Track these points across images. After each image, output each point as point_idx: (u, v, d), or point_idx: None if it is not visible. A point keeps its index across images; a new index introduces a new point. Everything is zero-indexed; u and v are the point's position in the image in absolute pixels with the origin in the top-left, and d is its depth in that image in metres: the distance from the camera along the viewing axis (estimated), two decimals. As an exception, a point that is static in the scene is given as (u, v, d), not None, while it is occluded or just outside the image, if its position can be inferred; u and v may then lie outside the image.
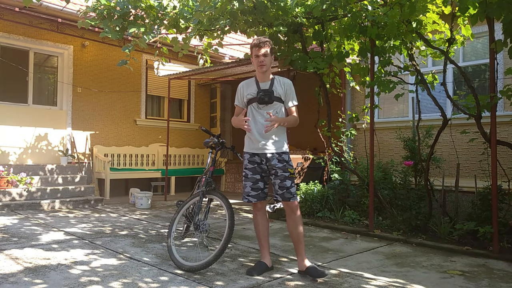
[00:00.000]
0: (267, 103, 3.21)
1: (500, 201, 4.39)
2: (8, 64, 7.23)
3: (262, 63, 3.19)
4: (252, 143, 3.27)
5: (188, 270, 3.17)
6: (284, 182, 3.18)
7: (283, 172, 3.19)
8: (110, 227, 5.03)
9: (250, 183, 3.27)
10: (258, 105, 3.24)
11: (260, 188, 3.27)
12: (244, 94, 3.32)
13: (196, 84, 10.11)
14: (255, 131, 3.23)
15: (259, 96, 3.21)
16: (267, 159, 3.22)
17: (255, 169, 3.26)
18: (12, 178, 6.35)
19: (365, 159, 5.99)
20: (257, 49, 3.17)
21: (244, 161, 3.33)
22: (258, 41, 3.19)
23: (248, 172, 3.29)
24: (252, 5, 4.69)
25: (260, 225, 3.31)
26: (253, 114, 3.27)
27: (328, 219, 5.60)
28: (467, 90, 4.68)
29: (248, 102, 3.30)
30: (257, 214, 3.33)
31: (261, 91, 3.22)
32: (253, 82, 3.32)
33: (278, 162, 3.20)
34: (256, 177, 3.26)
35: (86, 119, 8.11)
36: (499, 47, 3.85)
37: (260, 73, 3.27)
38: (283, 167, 3.20)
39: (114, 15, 5.20)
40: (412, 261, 3.74)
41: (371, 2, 4.65)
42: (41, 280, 2.92)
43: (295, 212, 3.23)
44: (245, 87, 3.33)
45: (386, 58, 4.82)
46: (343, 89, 6.69)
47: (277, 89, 3.25)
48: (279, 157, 3.21)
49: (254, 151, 3.26)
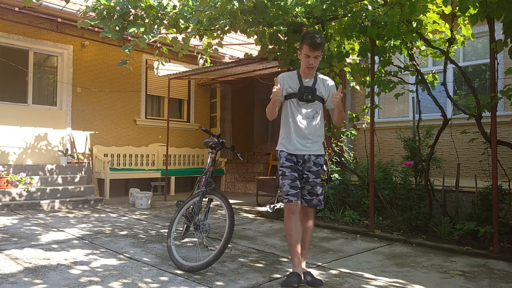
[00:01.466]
0: (309, 101, 3.04)
1: (501, 201, 4.39)
2: (8, 64, 7.22)
3: (311, 66, 3.02)
4: (291, 143, 3.08)
5: (188, 270, 3.17)
6: (315, 188, 3.07)
7: (315, 178, 3.06)
8: (110, 227, 5.02)
9: (288, 181, 3.02)
10: (298, 101, 3.06)
11: (298, 187, 3.03)
12: (284, 86, 3.07)
13: (196, 84, 10.11)
14: (296, 131, 3.06)
15: (302, 92, 3.02)
16: (303, 160, 3.07)
17: (293, 167, 3.05)
18: (11, 178, 6.34)
19: (365, 159, 5.99)
20: (310, 49, 2.95)
21: (281, 159, 3.09)
22: (314, 41, 2.92)
23: (285, 170, 3.05)
24: (252, 5, 4.69)
25: (294, 231, 2.99)
26: (292, 111, 3.08)
27: (328, 219, 5.59)
28: (467, 90, 4.68)
29: (287, 96, 3.08)
30: (291, 218, 2.99)
31: (304, 87, 3.04)
32: (295, 75, 3.12)
33: (313, 165, 3.06)
34: (295, 175, 3.03)
35: (86, 119, 8.11)
36: (500, 47, 3.84)
37: (304, 73, 3.09)
38: (316, 172, 3.06)
39: (114, 15, 5.19)
40: (412, 261, 3.74)
41: (371, 2, 4.65)
42: (41, 280, 2.92)
43: (309, 217, 3.12)
44: (287, 78, 3.11)
45: (386, 58, 4.82)
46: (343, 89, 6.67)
47: (320, 88, 3.10)
48: (315, 159, 3.08)
49: (291, 151, 3.07)
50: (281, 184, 3.08)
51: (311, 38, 2.95)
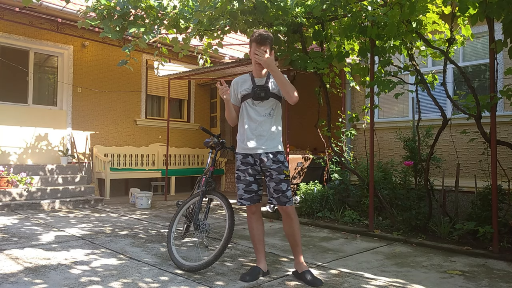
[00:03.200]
0: (263, 98, 3.07)
1: (500, 201, 4.39)
2: (8, 64, 7.23)
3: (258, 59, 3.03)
4: (245, 142, 3.11)
5: (188, 270, 3.17)
6: (279, 185, 3.04)
7: (278, 175, 3.04)
8: (110, 227, 5.03)
9: (243, 186, 3.12)
10: (253, 101, 3.10)
11: (254, 191, 3.11)
12: (238, 90, 3.16)
13: (196, 84, 10.11)
14: (249, 129, 3.09)
15: (255, 91, 3.07)
16: (260, 159, 3.07)
17: (248, 170, 3.11)
18: (12, 178, 6.35)
19: (365, 159, 5.99)
20: (257, 45, 3.01)
21: (236, 162, 3.17)
22: (259, 36, 3.00)
23: (240, 174, 3.14)
24: (252, 5, 4.69)
25: (255, 229, 3.16)
26: (247, 111, 3.12)
27: (328, 219, 5.60)
28: (467, 90, 4.68)
29: (243, 98, 3.15)
30: (252, 217, 3.18)
31: (257, 86, 3.09)
32: (248, 77, 3.18)
33: (272, 163, 3.05)
34: (249, 179, 3.10)
35: (86, 119, 8.11)
36: (499, 47, 3.85)
37: (256, 69, 3.14)
38: (278, 169, 3.04)
39: (114, 15, 5.20)
40: (412, 261, 3.74)
41: (371, 2, 4.65)
42: (41, 280, 2.93)
43: (291, 216, 3.10)
44: (240, 83, 3.19)
45: (386, 58, 4.82)
46: (343, 89, 6.69)
47: (273, 84, 3.12)
48: (273, 157, 3.06)
49: (247, 151, 3.10)
50: (236, 187, 3.18)
51: (258, 34, 3.02)
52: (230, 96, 3.17)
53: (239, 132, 3.20)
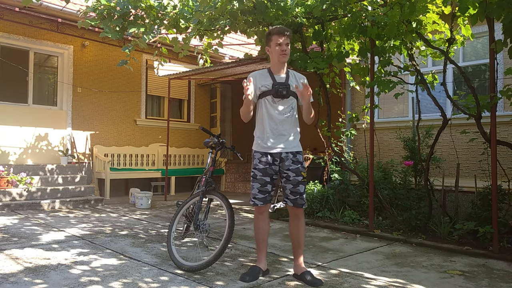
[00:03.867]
0: (284, 97, 3.00)
1: (500, 201, 4.39)
2: (8, 64, 7.23)
3: (284, 52, 3.00)
4: (265, 141, 3.04)
5: (188, 270, 3.17)
6: (297, 187, 3.03)
7: (296, 176, 3.02)
8: (110, 227, 5.03)
9: (258, 185, 3.05)
10: (273, 98, 3.02)
11: (268, 191, 3.06)
12: (257, 85, 3.04)
13: (196, 84, 10.11)
14: (269, 128, 3.02)
15: (276, 88, 2.99)
16: (280, 159, 3.03)
17: (266, 170, 3.03)
18: (12, 178, 6.35)
19: (365, 159, 5.99)
20: (279, 36, 2.98)
21: (254, 160, 3.08)
22: (281, 28, 2.99)
23: (257, 172, 3.05)
24: (252, 5, 4.69)
25: (261, 229, 3.13)
26: (267, 109, 3.03)
27: (328, 219, 5.60)
28: (467, 90, 4.68)
29: (261, 94, 3.05)
30: (259, 217, 3.14)
31: (278, 83, 3.01)
32: (266, 73, 3.09)
33: (292, 164, 3.02)
34: (266, 179, 3.04)
35: (86, 119, 8.11)
36: (499, 47, 3.85)
37: (277, 64, 3.06)
38: (296, 170, 3.02)
39: (114, 15, 5.20)
40: (412, 261, 3.74)
41: (371, 2, 4.65)
42: (41, 280, 2.93)
43: (299, 217, 3.12)
44: (258, 78, 3.07)
45: (386, 58, 4.82)
46: (343, 89, 6.69)
47: (293, 83, 3.05)
48: (293, 157, 3.04)
49: (267, 150, 3.03)
50: (251, 186, 3.11)
51: (277, 28, 3.03)
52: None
53: (258, 130, 3.12)
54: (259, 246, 3.18)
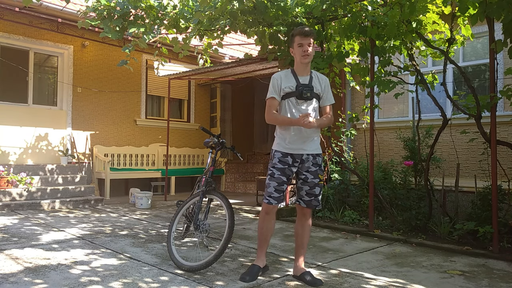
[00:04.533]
0: (307, 99, 3.00)
1: (500, 201, 4.39)
2: (8, 64, 7.23)
3: (306, 53, 2.99)
4: (287, 142, 3.03)
5: (188, 270, 3.17)
6: (313, 189, 3.05)
7: (314, 179, 3.04)
8: (110, 227, 5.03)
9: (275, 184, 3.02)
10: (297, 100, 3.02)
11: (283, 191, 3.06)
12: (281, 86, 3.04)
13: (196, 84, 10.11)
14: (293, 130, 3.01)
15: (300, 90, 2.98)
16: (301, 160, 3.03)
17: (284, 170, 3.02)
18: (12, 178, 6.35)
19: (365, 159, 5.99)
20: (302, 37, 2.98)
21: (274, 159, 3.06)
22: (303, 29, 2.99)
23: (275, 171, 3.03)
24: (252, 5, 4.69)
25: (265, 228, 3.13)
26: (291, 110, 3.03)
27: (328, 219, 5.60)
28: (467, 90, 4.68)
29: (285, 95, 3.04)
30: (266, 217, 3.10)
31: (302, 85, 3.01)
32: (290, 74, 3.08)
33: (312, 166, 3.04)
34: (283, 179, 3.03)
35: (86, 119, 8.11)
36: (499, 47, 3.85)
37: (300, 65, 3.06)
38: (314, 172, 3.04)
39: (114, 15, 5.20)
40: (412, 261, 3.74)
41: (371, 2, 4.65)
42: (41, 280, 2.93)
43: (307, 217, 3.13)
44: (283, 78, 3.07)
45: (386, 58, 4.82)
46: (343, 89, 6.69)
47: (316, 85, 3.07)
48: (313, 159, 3.05)
49: (289, 150, 3.02)
50: (267, 184, 3.07)
51: (300, 28, 3.03)
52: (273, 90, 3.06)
53: (280, 130, 3.10)
54: (261, 244, 3.19)
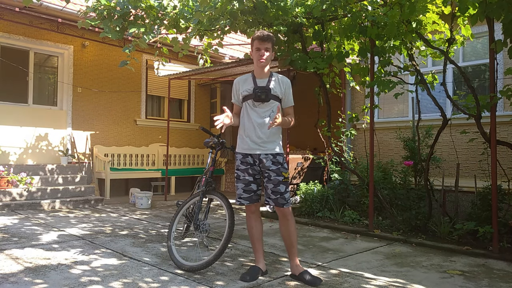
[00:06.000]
0: (263, 101, 3.05)
1: (500, 201, 4.40)
2: (8, 64, 7.23)
3: (262, 57, 3.04)
4: (245, 142, 3.11)
5: (188, 270, 3.18)
6: (277, 187, 3.05)
7: (277, 176, 3.05)
8: (111, 227, 5.03)
9: (242, 185, 3.12)
10: (254, 102, 3.08)
11: (253, 190, 3.12)
12: (239, 90, 3.15)
13: (196, 84, 10.11)
14: (249, 130, 3.09)
15: (256, 92, 3.04)
16: (260, 160, 3.08)
17: (247, 170, 3.11)
18: (12, 178, 6.35)
19: (365, 159, 5.99)
20: (259, 41, 3.03)
21: (236, 161, 3.16)
22: (262, 34, 3.04)
23: (240, 173, 3.14)
24: (252, 5, 4.70)
25: (254, 228, 3.17)
26: (248, 112, 3.11)
27: (328, 219, 5.60)
28: (467, 90, 4.68)
29: (244, 98, 3.13)
30: (251, 217, 3.19)
31: (258, 87, 3.06)
32: (249, 78, 3.16)
33: (272, 164, 3.06)
34: (249, 179, 3.11)
35: (86, 119, 8.12)
36: (499, 47, 3.85)
37: (258, 68, 3.12)
38: (276, 170, 3.05)
39: (114, 15, 5.20)
40: (412, 261, 3.74)
41: (371, 2, 4.65)
42: (42, 280, 2.93)
43: (287, 218, 3.12)
44: (241, 83, 3.17)
45: (386, 58, 4.83)
46: (343, 89, 6.70)
47: (275, 87, 3.10)
48: (273, 158, 3.07)
49: (247, 151, 3.10)
50: (236, 187, 3.17)
51: (259, 33, 3.08)
52: (233, 95, 3.24)
53: (239, 131, 3.19)
54: (255, 246, 3.21)
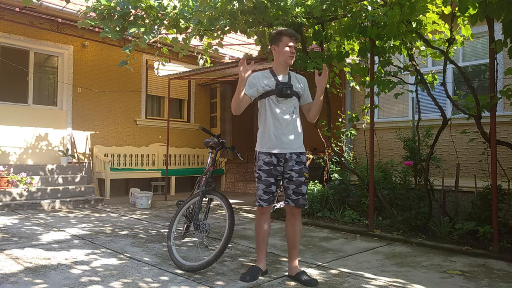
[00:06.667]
0: (287, 96, 3.05)
1: (500, 201, 4.39)
2: (8, 64, 7.23)
3: (293, 55, 3.08)
4: (271, 141, 3.05)
5: (188, 270, 3.18)
6: (299, 188, 3.06)
7: (299, 177, 3.05)
8: (111, 227, 5.03)
9: (263, 186, 3.04)
10: (277, 98, 3.05)
11: (272, 192, 3.07)
12: (260, 83, 3.07)
13: (196, 84, 10.12)
14: (275, 129, 3.04)
15: (280, 88, 3.03)
16: (285, 159, 3.05)
17: (270, 171, 3.03)
18: (12, 178, 6.35)
19: (365, 159, 5.99)
20: (291, 39, 3.06)
21: (259, 161, 3.07)
22: (292, 31, 3.08)
23: (262, 174, 3.05)
24: (252, 5, 4.70)
25: (262, 229, 3.14)
26: (271, 109, 3.06)
27: (328, 219, 5.60)
28: (467, 90, 4.68)
29: (265, 94, 3.08)
30: (261, 218, 3.13)
31: (281, 83, 3.06)
32: (268, 74, 3.13)
33: (295, 164, 3.05)
34: (270, 180, 3.04)
35: (86, 119, 8.12)
36: (499, 47, 3.85)
37: (283, 65, 3.11)
38: (299, 171, 3.06)
39: (114, 15, 5.20)
40: (412, 261, 3.74)
41: (371, 2, 4.65)
42: (42, 280, 2.93)
43: (296, 217, 3.14)
44: (261, 77, 3.10)
45: (386, 58, 4.83)
46: (343, 89, 6.69)
47: (295, 84, 3.14)
48: (297, 158, 3.07)
49: (271, 150, 3.04)
50: (256, 187, 3.10)
51: (290, 30, 3.10)
52: (248, 88, 3.06)
53: (262, 130, 3.12)
54: (259, 246, 3.19)
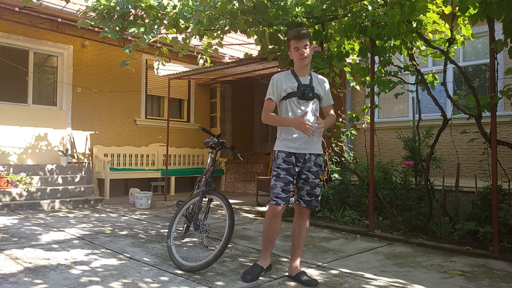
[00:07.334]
0: (309, 99, 3.04)
1: (500, 201, 4.39)
2: (8, 64, 7.23)
3: (303, 56, 3.01)
4: (291, 142, 3.04)
5: (188, 270, 3.17)
6: (314, 189, 3.07)
7: (315, 179, 3.06)
8: (110, 227, 5.03)
9: (281, 184, 2.99)
10: (299, 100, 3.04)
11: (289, 191, 3.03)
12: (282, 87, 3.06)
13: (196, 84, 10.11)
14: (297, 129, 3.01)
15: (302, 90, 3.01)
16: (304, 160, 3.04)
17: (289, 170, 3.01)
18: (12, 178, 6.35)
19: (365, 159, 5.99)
20: (297, 41, 3.00)
21: (278, 160, 3.05)
22: (297, 32, 3.02)
23: (281, 172, 3.01)
24: (252, 5, 4.69)
25: (271, 229, 3.09)
26: (294, 111, 3.04)
27: (328, 219, 5.60)
28: (467, 90, 4.68)
29: (286, 96, 3.06)
30: (273, 219, 3.06)
31: (303, 85, 3.04)
32: (290, 75, 3.11)
33: (313, 166, 3.06)
34: (289, 179, 3.01)
35: (86, 119, 8.11)
36: (499, 47, 3.84)
37: (300, 67, 3.08)
38: (316, 173, 3.07)
39: (114, 15, 5.19)
40: (412, 261, 3.74)
41: (371, 2, 4.65)
42: (41, 280, 2.92)
43: (305, 217, 3.15)
44: (283, 79, 3.08)
45: (386, 58, 4.82)
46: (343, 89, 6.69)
47: (316, 86, 3.11)
48: (315, 159, 3.07)
49: (292, 150, 3.02)
50: (273, 185, 3.04)
51: (295, 31, 3.06)
52: (271, 92, 3.09)
53: (283, 131, 3.10)
54: (266, 246, 3.15)
